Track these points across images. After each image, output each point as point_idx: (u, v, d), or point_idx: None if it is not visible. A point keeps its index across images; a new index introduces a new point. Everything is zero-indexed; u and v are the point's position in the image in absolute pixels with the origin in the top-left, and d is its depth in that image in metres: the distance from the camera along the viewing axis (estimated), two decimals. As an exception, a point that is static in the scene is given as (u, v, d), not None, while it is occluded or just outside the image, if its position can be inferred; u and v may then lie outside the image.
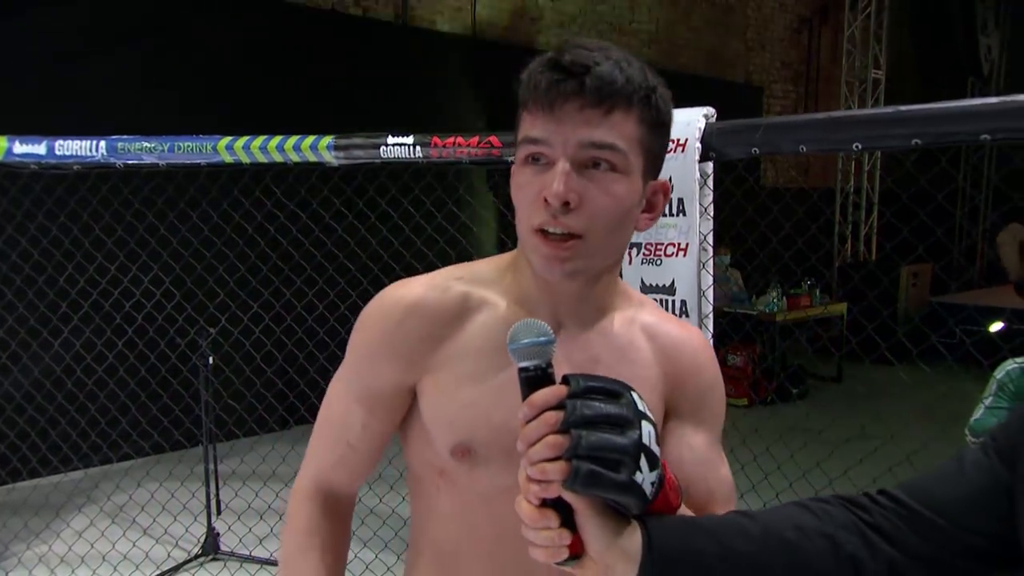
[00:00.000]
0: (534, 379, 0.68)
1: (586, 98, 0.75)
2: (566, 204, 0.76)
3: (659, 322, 0.91)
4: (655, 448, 0.67)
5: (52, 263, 3.28)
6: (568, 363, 0.82)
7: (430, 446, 0.85)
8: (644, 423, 0.67)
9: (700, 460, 0.88)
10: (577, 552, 0.67)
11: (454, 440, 0.83)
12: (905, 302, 7.10)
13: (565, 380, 0.68)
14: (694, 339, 0.92)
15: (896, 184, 6.63)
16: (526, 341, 0.68)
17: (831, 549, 0.71)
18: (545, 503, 0.66)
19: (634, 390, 0.69)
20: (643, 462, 0.65)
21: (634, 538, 0.68)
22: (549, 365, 0.69)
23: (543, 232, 0.78)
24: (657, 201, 0.84)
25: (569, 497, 0.66)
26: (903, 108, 1.38)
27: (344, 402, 0.89)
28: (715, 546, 0.70)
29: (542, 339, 0.68)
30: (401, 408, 0.88)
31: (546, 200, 0.76)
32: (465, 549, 0.87)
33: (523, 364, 0.69)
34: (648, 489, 0.66)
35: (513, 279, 0.87)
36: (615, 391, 0.67)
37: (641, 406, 0.68)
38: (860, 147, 1.48)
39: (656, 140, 0.80)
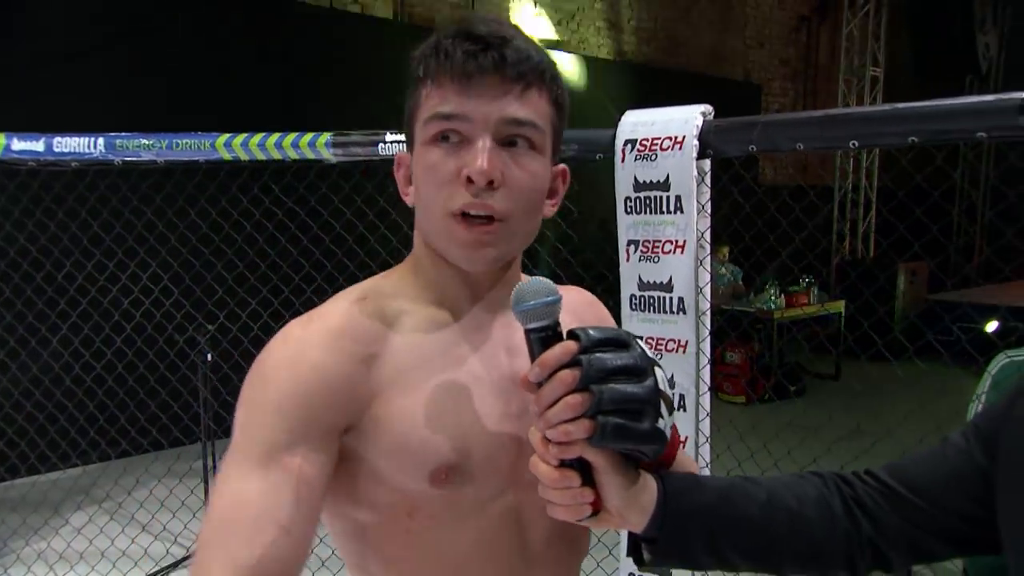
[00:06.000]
0: (545, 340, 0.66)
1: (506, 72, 0.70)
2: (490, 183, 0.70)
3: None
4: (669, 392, 0.68)
5: (50, 260, 3.28)
6: (505, 347, 0.79)
7: (386, 485, 0.72)
8: (656, 369, 0.67)
9: None
10: (597, 508, 0.68)
11: (434, 463, 0.71)
12: (902, 300, 7.12)
13: (572, 335, 0.66)
14: (587, 295, 0.92)
15: (893, 182, 6.65)
16: (535, 302, 0.66)
17: (829, 520, 0.75)
18: (563, 463, 0.66)
19: (637, 337, 0.68)
20: (662, 408, 0.66)
21: (648, 491, 0.70)
22: (558, 324, 0.67)
23: (463, 216, 0.71)
24: (558, 187, 0.80)
25: (589, 454, 0.66)
26: (900, 105, 1.38)
27: (259, 476, 0.67)
28: (724, 506, 0.73)
29: (550, 298, 0.66)
30: (333, 461, 0.70)
31: (468, 179, 0.69)
32: None
33: (533, 325, 0.66)
34: (668, 434, 0.68)
35: (421, 281, 0.79)
36: (623, 340, 0.66)
37: (648, 352, 0.68)
38: (857, 144, 1.49)
39: (560, 122, 0.77)
